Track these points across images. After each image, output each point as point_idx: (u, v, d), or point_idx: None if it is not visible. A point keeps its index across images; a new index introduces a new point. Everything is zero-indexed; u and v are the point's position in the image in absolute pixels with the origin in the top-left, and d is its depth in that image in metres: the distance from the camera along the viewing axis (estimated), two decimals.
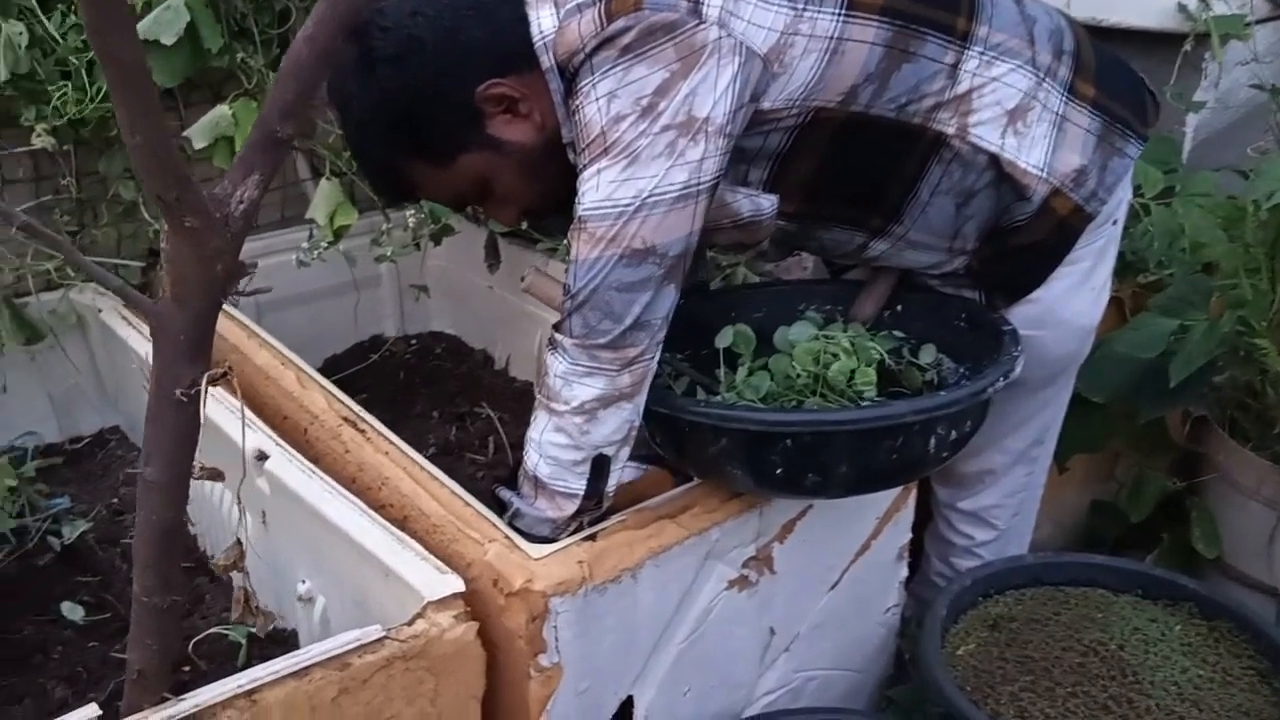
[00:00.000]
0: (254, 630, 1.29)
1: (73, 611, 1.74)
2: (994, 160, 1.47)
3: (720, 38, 1.29)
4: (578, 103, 1.31)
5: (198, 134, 1.93)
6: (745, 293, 1.75)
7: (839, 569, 1.68)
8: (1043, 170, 1.49)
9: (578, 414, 1.35)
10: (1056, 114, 1.50)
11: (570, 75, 1.34)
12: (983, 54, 1.45)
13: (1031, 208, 1.51)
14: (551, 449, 1.38)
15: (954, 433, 1.44)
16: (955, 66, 1.44)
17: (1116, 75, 1.59)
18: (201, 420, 0.92)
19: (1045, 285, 1.59)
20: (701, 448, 1.45)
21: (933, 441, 1.42)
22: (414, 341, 2.54)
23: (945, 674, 1.58)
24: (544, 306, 1.67)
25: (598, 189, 1.29)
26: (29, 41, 1.86)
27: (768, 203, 1.46)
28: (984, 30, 1.46)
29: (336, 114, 1.44)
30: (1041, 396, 1.74)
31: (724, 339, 1.56)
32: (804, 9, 1.37)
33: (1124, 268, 2.04)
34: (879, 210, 1.53)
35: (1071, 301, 1.63)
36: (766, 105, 1.37)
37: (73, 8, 1.91)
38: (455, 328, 2.57)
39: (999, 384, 1.42)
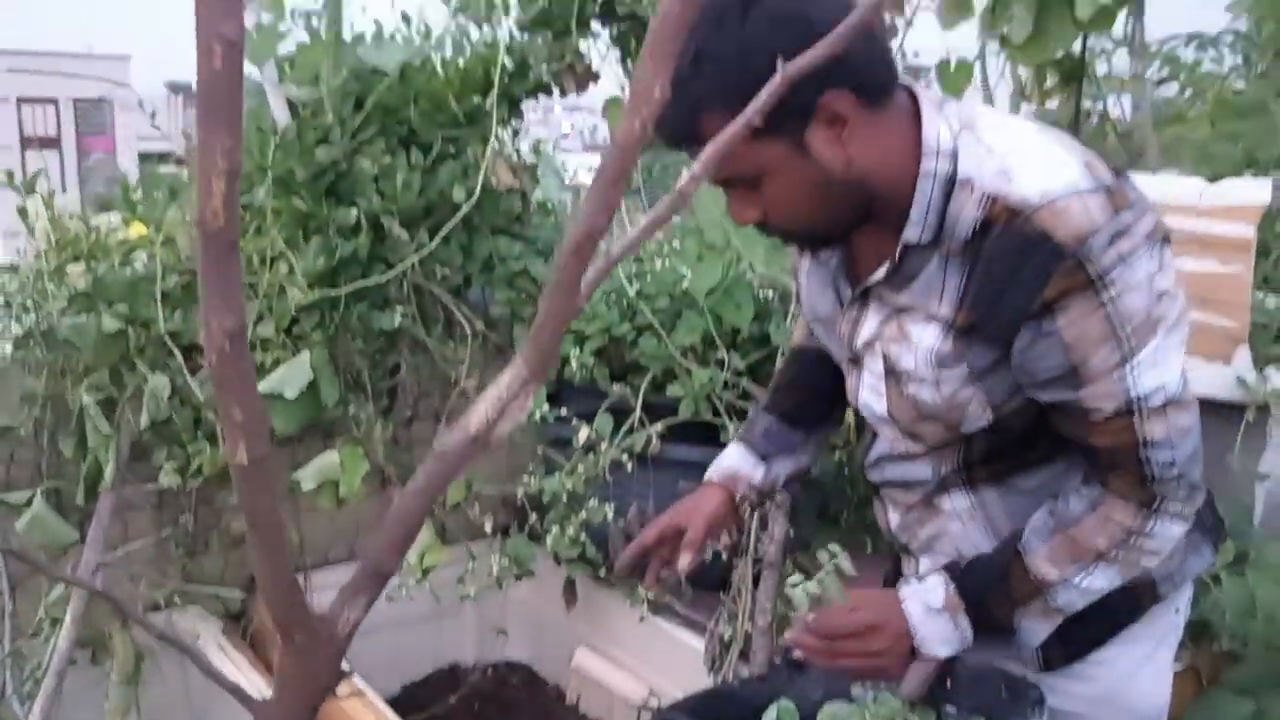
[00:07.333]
0: None
1: None
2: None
3: None
4: (1112, 294, 1.29)
5: (308, 478, 2.09)
6: (799, 675, 1.78)
7: None
8: None
9: (1158, 556, 1.42)
10: None
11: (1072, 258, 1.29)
12: None
13: None
14: (1099, 592, 1.45)
15: None
16: None
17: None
18: None
19: (1108, 664, 1.57)
20: None
21: None
22: (490, 671, 2.60)
23: None
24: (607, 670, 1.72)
25: (1167, 366, 1.31)
26: (170, 391, 2.07)
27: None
28: None
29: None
30: None
31: (769, 716, 1.58)
32: None
33: (1197, 634, 2.02)
34: (1002, 458, 1.47)
35: (1137, 681, 1.58)
36: None
37: None
38: (530, 658, 2.63)
39: None
